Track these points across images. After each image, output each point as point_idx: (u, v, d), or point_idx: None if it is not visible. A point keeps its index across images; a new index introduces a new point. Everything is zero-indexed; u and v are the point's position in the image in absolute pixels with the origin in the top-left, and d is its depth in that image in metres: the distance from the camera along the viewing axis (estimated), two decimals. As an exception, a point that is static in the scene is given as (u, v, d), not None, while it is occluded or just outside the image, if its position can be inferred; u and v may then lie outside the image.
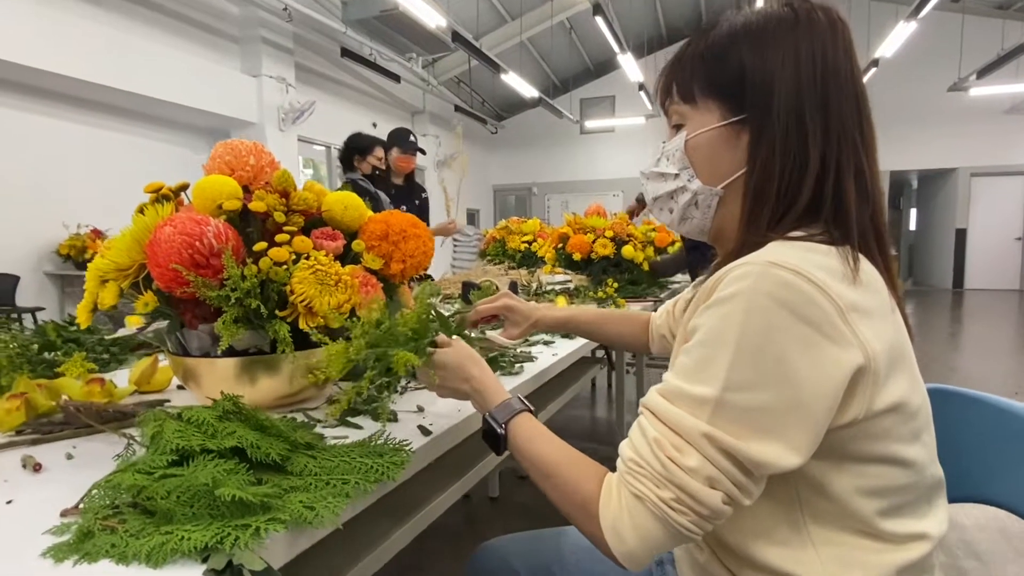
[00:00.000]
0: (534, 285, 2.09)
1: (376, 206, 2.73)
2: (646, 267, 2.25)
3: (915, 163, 10.15)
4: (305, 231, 0.69)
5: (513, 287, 1.89)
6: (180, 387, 0.89)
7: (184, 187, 0.74)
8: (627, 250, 2.17)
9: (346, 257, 0.72)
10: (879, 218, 0.55)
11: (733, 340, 0.47)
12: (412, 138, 3.01)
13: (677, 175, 0.62)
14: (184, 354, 0.68)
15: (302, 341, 0.65)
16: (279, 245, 0.64)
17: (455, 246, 11.88)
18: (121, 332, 0.74)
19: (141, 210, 0.69)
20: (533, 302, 0.98)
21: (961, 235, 10.34)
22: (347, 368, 0.62)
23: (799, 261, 0.47)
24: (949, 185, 10.50)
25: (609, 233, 2.18)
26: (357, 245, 0.71)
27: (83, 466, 0.58)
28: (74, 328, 1.13)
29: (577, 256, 2.18)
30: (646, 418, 0.52)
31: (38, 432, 0.66)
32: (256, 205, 0.65)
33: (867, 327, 0.48)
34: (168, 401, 0.80)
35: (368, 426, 0.67)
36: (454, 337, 0.67)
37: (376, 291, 0.71)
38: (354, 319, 0.63)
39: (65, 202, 5.35)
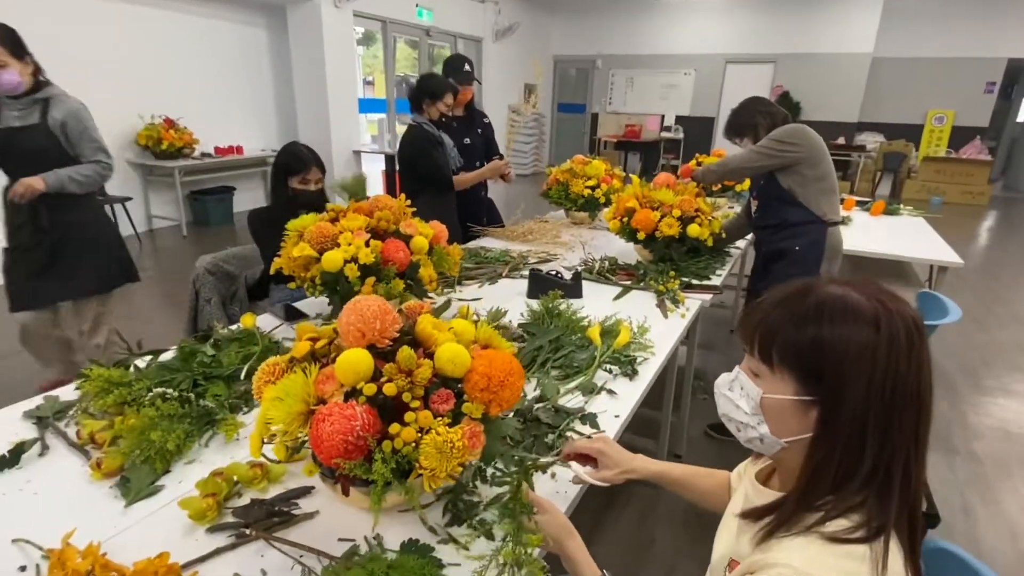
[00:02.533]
0: (596, 266, 2.18)
1: (440, 151, 2.75)
2: (711, 243, 2.28)
3: (1039, 49, 8.87)
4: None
5: (577, 279, 1.98)
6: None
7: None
8: (693, 229, 2.19)
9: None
10: (916, 503, 0.64)
11: None
12: (467, 67, 2.93)
13: (748, 416, 0.71)
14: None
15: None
16: (407, 424, 0.79)
17: (511, 127, 11.54)
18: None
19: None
20: (628, 453, 1.00)
21: (1074, 135, 9.27)
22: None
23: None
24: (1076, 75, 9.19)
25: (676, 212, 2.18)
26: (467, 408, 0.85)
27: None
28: (211, 357, 1.35)
29: (641, 235, 2.22)
30: None
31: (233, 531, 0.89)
32: (389, 389, 0.79)
33: None
34: (313, 488, 1.01)
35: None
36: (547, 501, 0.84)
37: (480, 440, 0.86)
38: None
39: (138, 90, 5.48)
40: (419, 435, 0.79)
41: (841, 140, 9.79)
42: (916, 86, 9.70)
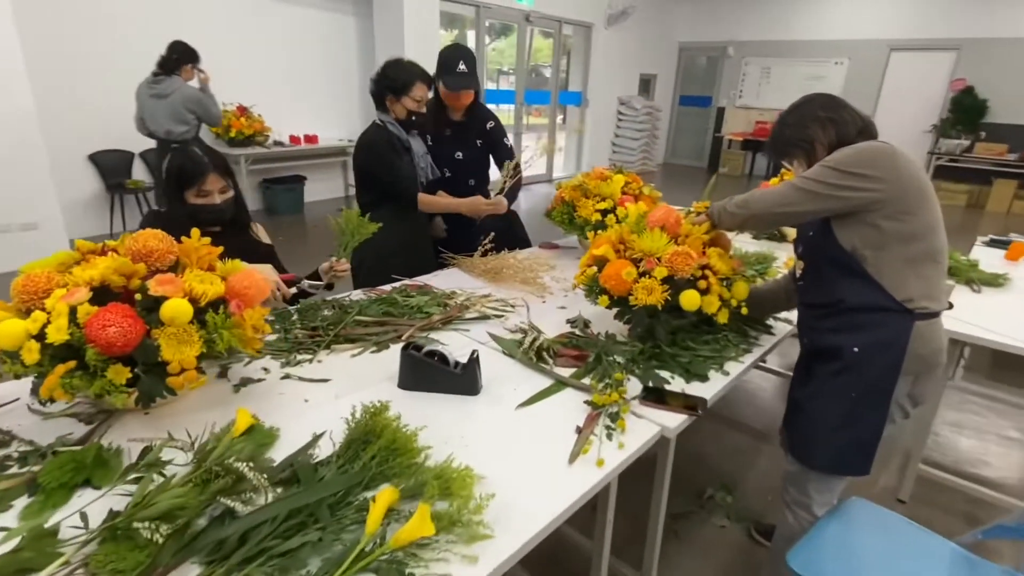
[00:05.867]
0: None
1: (406, 159, 2.17)
2: (724, 319, 1.47)
3: None
4: None
5: (472, 367, 1.31)
6: None
7: None
8: (689, 297, 1.40)
9: None
10: None
11: None
12: (462, 65, 2.25)
13: None
14: None
15: None
16: None
17: (619, 122, 10.77)
18: None
19: None
20: None
21: None
22: None
23: None
24: None
25: (661, 271, 1.40)
26: None
27: None
28: None
29: (603, 300, 1.48)
30: None
31: None
32: None
33: None
34: None
35: None
36: None
37: None
38: None
39: (214, 77, 5.52)
40: None
41: (1042, 150, 7.67)
42: None
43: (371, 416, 1.07)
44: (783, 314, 1.76)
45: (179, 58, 4.12)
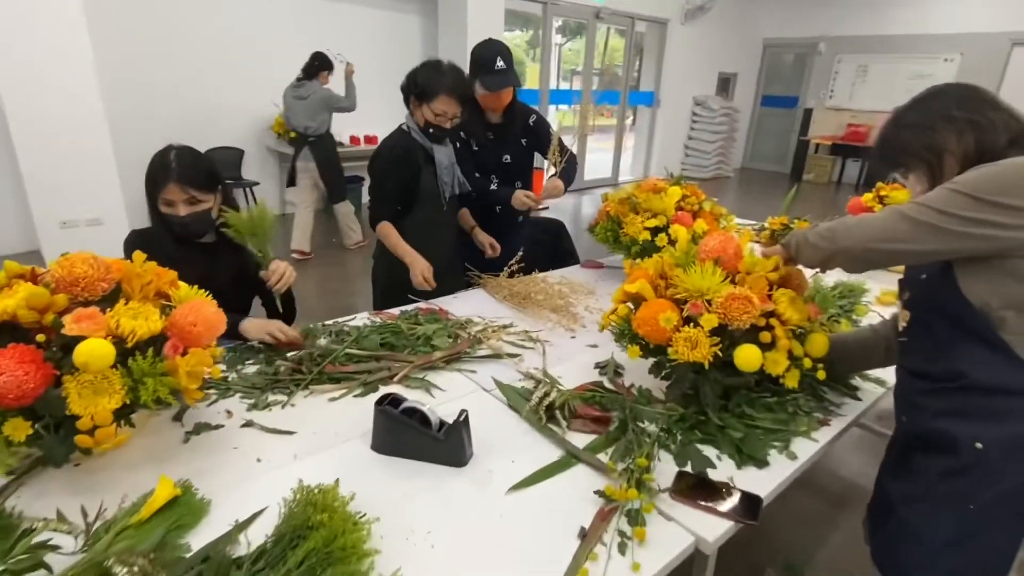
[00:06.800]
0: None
1: (424, 172, 1.94)
2: (793, 383, 1.14)
3: None
4: None
5: (458, 431, 1.05)
6: None
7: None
8: (746, 354, 1.08)
9: None
10: None
11: None
12: (500, 62, 1.97)
13: None
14: None
15: None
16: None
17: (693, 123, 10.19)
18: None
19: None
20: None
21: None
22: None
23: None
24: None
25: (711, 319, 1.09)
26: None
27: None
28: None
29: (633, 351, 1.18)
30: None
31: None
32: None
33: None
34: None
35: None
36: None
37: None
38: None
39: (278, 77, 5.56)
40: None
41: None
42: None
43: (307, 503, 0.84)
44: (875, 370, 1.39)
45: (319, 64, 4.68)
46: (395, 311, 1.70)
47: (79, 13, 3.76)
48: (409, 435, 1.04)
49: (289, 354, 1.38)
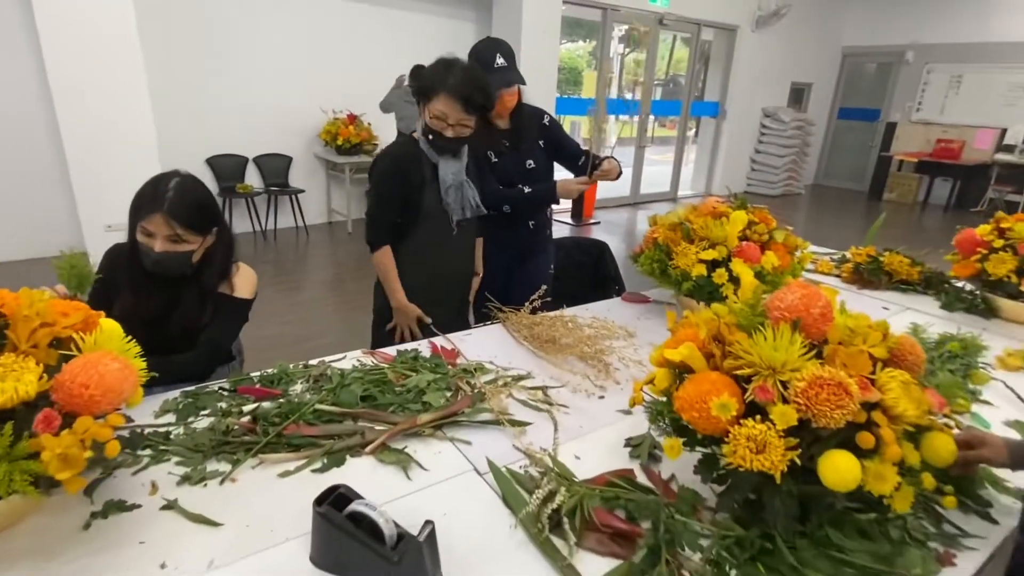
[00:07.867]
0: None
1: (427, 189, 1.68)
2: (905, 507, 0.79)
3: None
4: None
5: (420, 555, 0.77)
6: None
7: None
8: (836, 467, 0.74)
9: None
10: None
11: None
12: (500, 60, 1.74)
13: None
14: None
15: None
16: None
17: (762, 136, 9.59)
18: None
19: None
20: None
21: None
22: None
23: None
24: None
25: (788, 413, 0.76)
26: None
27: None
28: None
29: (674, 447, 0.86)
30: None
31: None
32: None
33: None
34: None
35: None
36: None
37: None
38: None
39: (327, 84, 5.52)
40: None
41: None
42: None
43: None
44: (1005, 471, 1.01)
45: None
46: (391, 351, 1.44)
47: (132, 28, 3.78)
48: (354, 549, 0.76)
49: (246, 408, 1.14)
